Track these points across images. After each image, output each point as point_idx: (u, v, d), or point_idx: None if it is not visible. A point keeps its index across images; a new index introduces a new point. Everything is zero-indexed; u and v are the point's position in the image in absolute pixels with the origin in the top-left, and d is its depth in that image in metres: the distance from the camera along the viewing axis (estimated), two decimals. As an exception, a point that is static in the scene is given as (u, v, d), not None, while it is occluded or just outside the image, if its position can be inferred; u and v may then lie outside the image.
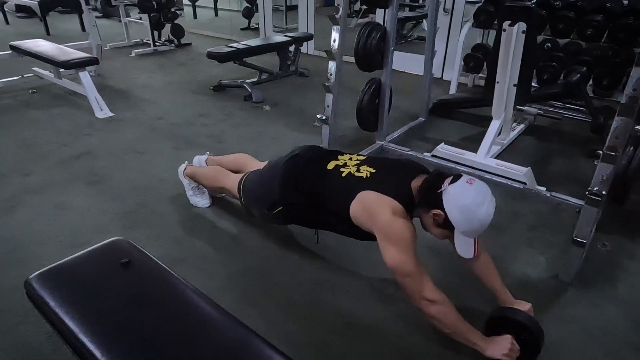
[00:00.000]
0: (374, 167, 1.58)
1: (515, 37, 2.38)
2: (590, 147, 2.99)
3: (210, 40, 6.41)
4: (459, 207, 1.33)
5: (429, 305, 1.36)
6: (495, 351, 1.35)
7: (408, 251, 1.38)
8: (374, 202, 1.45)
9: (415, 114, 3.50)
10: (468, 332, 1.38)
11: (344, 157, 1.70)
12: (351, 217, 1.52)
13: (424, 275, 1.38)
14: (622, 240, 2.07)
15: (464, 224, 1.34)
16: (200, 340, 1.04)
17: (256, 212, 1.94)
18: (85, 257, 1.26)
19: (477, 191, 1.35)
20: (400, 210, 1.43)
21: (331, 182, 1.60)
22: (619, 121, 1.55)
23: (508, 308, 1.47)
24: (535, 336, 1.39)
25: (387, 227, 1.41)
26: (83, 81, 3.47)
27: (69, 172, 2.62)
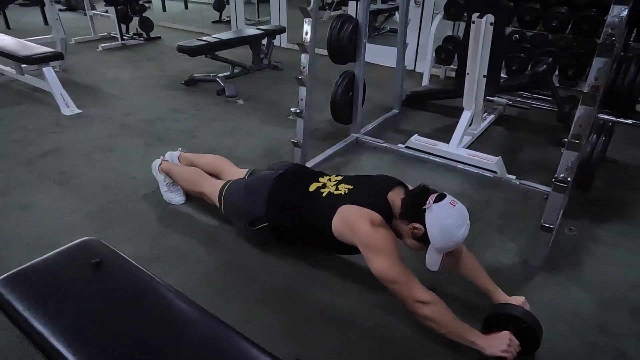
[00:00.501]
0: (351, 184, 1.65)
1: (484, 29, 2.42)
2: (557, 135, 3.09)
3: (180, 33, 6.27)
4: (441, 226, 1.39)
5: (422, 307, 1.38)
6: (495, 348, 1.34)
7: (392, 258, 1.42)
8: (353, 215, 1.51)
9: (389, 106, 3.53)
10: (465, 331, 1.38)
11: (324, 178, 1.77)
12: (334, 233, 1.57)
13: (412, 279, 1.41)
14: (587, 224, 2.15)
15: (440, 242, 1.41)
16: (176, 338, 1.03)
17: (237, 224, 1.96)
18: (54, 259, 1.22)
19: (459, 214, 1.42)
20: (379, 220, 1.48)
21: (313, 203, 1.67)
22: (582, 110, 1.61)
23: (503, 304, 1.47)
24: (533, 329, 1.38)
25: (368, 238, 1.46)
26: (47, 77, 3.34)
27: (35, 172, 2.53)
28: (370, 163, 2.73)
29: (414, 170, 2.64)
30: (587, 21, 3.13)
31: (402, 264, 1.44)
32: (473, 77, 2.60)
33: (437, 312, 1.38)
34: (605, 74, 1.54)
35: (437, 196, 1.44)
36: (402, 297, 1.42)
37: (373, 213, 1.48)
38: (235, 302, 1.66)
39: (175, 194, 2.24)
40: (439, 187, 2.43)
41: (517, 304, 1.46)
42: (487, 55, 2.51)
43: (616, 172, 2.66)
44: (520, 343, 1.37)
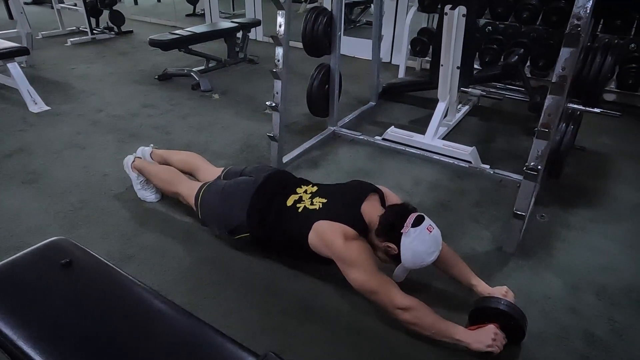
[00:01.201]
0: (326, 197, 1.68)
1: (457, 21, 2.45)
2: (529, 125, 3.17)
3: (153, 27, 6.13)
4: (414, 251, 1.44)
5: (403, 313, 1.42)
6: (480, 344, 1.36)
7: (368, 270, 1.46)
8: (327, 231, 1.54)
9: (365, 99, 3.54)
10: (449, 330, 1.40)
11: (301, 189, 1.78)
12: (311, 247, 1.60)
13: (390, 287, 1.44)
14: (558, 211, 2.21)
15: (410, 264, 1.47)
16: (151, 337, 1.01)
17: (214, 230, 1.93)
18: (21, 260, 1.18)
19: (433, 242, 1.46)
20: (353, 233, 1.52)
21: (290, 218, 1.68)
22: (551, 99, 1.65)
23: (487, 298, 1.48)
24: (518, 321, 1.39)
25: (343, 253, 1.49)
26: (12, 73, 3.22)
27: (1, 172, 2.44)
28: (348, 156, 2.73)
29: (391, 162, 2.66)
30: (557, 12, 3.19)
31: (378, 273, 1.47)
32: (447, 68, 2.63)
33: (419, 316, 1.41)
34: (572, 64, 1.58)
35: (415, 219, 1.45)
36: (383, 305, 1.46)
37: (346, 228, 1.52)
38: (213, 298, 1.65)
39: (150, 191, 2.20)
40: (415, 177, 2.49)
41: (500, 294, 1.49)
42: (460, 47, 2.54)
43: (585, 160, 2.74)
44: (506, 335, 1.39)
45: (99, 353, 0.98)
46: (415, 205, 2.21)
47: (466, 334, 1.39)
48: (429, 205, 2.26)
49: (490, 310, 1.42)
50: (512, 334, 1.41)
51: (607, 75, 2.17)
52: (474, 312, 1.47)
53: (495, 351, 1.35)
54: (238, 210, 1.76)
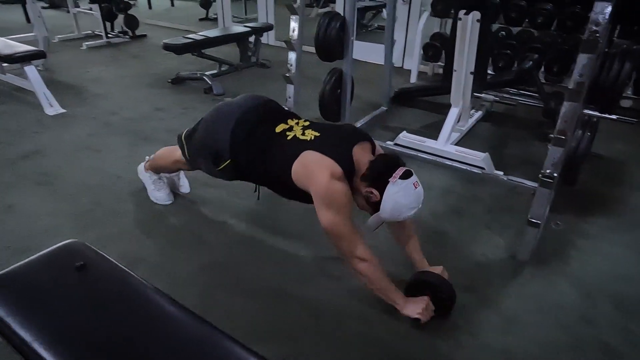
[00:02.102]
0: (319, 131, 1.61)
1: (471, 26, 2.43)
2: (543, 130, 3.12)
3: (166, 31, 6.19)
4: (395, 202, 1.43)
5: (359, 262, 1.47)
6: (411, 310, 1.50)
7: (343, 214, 1.44)
8: (314, 162, 1.48)
9: (377, 103, 3.53)
10: (390, 291, 1.52)
11: (292, 121, 1.71)
12: (292, 176, 1.54)
13: (357, 236, 1.47)
14: (573, 219, 2.18)
15: (388, 215, 1.46)
16: (163, 341, 1.01)
17: (202, 165, 1.85)
18: (36, 262, 1.19)
19: (416, 197, 1.46)
20: (340, 173, 1.46)
21: (277, 144, 1.62)
22: (568, 106, 1.62)
23: (424, 272, 1.61)
24: (446, 294, 1.54)
25: (324, 189, 1.44)
26: (29, 76, 3.27)
27: (17, 173, 2.47)
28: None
29: (403, 167, 2.64)
30: (572, 18, 3.15)
31: (350, 221, 1.46)
32: (460, 73, 2.61)
33: (372, 270, 1.48)
34: (590, 70, 1.56)
35: (404, 172, 1.45)
36: (344, 251, 1.48)
37: (335, 165, 1.45)
38: (222, 302, 1.65)
39: (163, 192, 2.21)
40: (427, 183, 2.46)
41: (437, 272, 1.60)
42: (474, 52, 2.52)
43: (601, 167, 2.70)
44: (436, 307, 1.54)
45: (112, 356, 0.98)
46: (427, 210, 2.23)
47: (402, 299, 1.52)
48: (441, 211, 2.24)
49: (424, 284, 1.56)
50: (442, 306, 1.56)
51: (625, 81, 2.14)
52: (409, 285, 1.58)
53: (422, 320, 1.49)
54: (222, 133, 1.68)
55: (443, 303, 1.55)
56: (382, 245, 1.86)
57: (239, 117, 1.69)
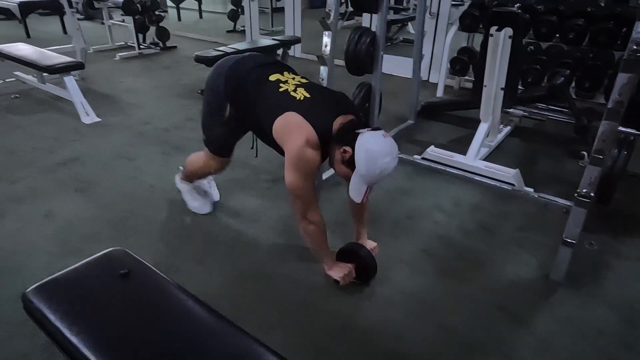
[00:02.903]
0: (310, 92, 1.62)
1: (502, 42, 2.43)
2: (574, 147, 3.06)
3: (195, 42, 6.36)
4: (367, 150, 1.45)
5: (308, 224, 1.63)
6: (335, 272, 1.74)
7: (308, 179, 1.55)
8: (293, 125, 1.53)
9: (403, 117, 3.54)
10: (325, 255, 1.75)
11: (289, 75, 1.72)
12: (273, 130, 1.58)
13: (313, 201, 1.60)
14: (608, 239, 2.13)
15: (364, 167, 1.46)
16: (204, 350, 1.04)
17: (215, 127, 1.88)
18: (83, 269, 1.24)
19: (388, 144, 1.47)
20: (315, 141, 1.51)
21: (268, 92, 1.64)
22: (606, 125, 1.60)
23: (356, 244, 1.82)
24: (369, 267, 1.76)
25: (296, 153, 1.51)
26: (68, 86, 3.41)
27: (56, 180, 2.57)
28: (386, 174, 2.72)
29: (430, 182, 2.64)
30: (605, 33, 3.11)
31: (312, 187, 1.57)
32: (491, 89, 2.60)
33: (316, 234, 1.66)
34: (630, 90, 1.53)
35: (373, 127, 1.51)
36: (297, 211, 1.62)
37: (312, 133, 1.50)
38: (255, 312, 1.67)
39: (200, 202, 2.25)
40: (456, 198, 2.46)
41: (369, 247, 1.81)
42: (505, 68, 2.51)
43: (636, 186, 2.63)
44: (359, 276, 1.77)
45: (156, 364, 1.01)
46: (456, 226, 2.22)
47: (331, 263, 1.76)
48: (471, 227, 2.22)
49: (352, 254, 1.78)
50: (364, 276, 1.78)
51: (664, 99, 2.09)
52: (341, 251, 1.81)
53: (341, 283, 1.73)
54: (218, 80, 1.73)
55: (365, 273, 1.77)
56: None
57: (232, 63, 1.76)
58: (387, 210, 2.34)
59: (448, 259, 2.00)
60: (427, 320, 1.65)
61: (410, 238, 2.13)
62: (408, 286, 1.82)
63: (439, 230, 2.19)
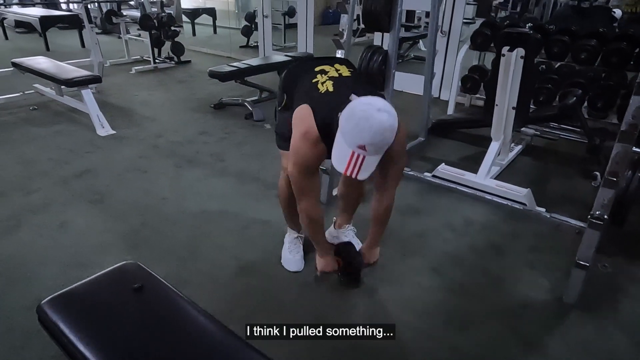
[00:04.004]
0: (335, 87, 1.55)
1: (514, 62, 2.44)
2: (586, 167, 3.05)
3: (209, 57, 6.48)
4: (349, 106, 1.32)
5: (301, 211, 1.64)
6: (319, 262, 1.79)
7: (301, 172, 1.53)
8: (300, 117, 1.52)
9: (414, 134, 3.55)
10: (316, 243, 1.76)
11: (337, 67, 1.67)
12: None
13: (307, 191, 1.58)
14: (622, 262, 2.10)
15: (343, 122, 1.31)
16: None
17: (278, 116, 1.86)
18: (97, 282, 1.25)
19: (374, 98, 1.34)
20: (313, 136, 1.46)
21: (305, 82, 1.64)
22: (619, 147, 1.59)
23: (351, 248, 1.87)
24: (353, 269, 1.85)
25: (295, 144, 1.51)
26: (85, 99, 3.49)
27: (71, 191, 2.61)
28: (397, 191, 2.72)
29: (441, 200, 2.63)
30: (617, 54, 3.12)
31: (307, 179, 1.55)
32: (502, 108, 2.61)
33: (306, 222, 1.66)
34: (643, 112, 1.53)
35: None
36: (295, 195, 1.62)
37: (313, 127, 1.45)
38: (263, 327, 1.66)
39: (293, 255, 2.01)
40: (466, 217, 2.45)
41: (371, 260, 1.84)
42: (517, 88, 2.52)
43: (650, 208, 2.59)
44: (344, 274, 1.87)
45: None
46: (467, 245, 2.21)
47: (324, 251, 1.78)
48: (482, 247, 2.20)
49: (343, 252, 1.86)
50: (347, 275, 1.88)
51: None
52: (337, 246, 1.89)
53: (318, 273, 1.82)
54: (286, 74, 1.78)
55: (348, 273, 1.87)
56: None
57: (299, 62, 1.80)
58: (397, 228, 2.34)
59: (458, 278, 1.98)
60: (438, 340, 1.63)
61: (420, 256, 2.12)
62: (418, 305, 1.80)
63: (449, 249, 2.17)
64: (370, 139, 1.27)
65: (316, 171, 1.60)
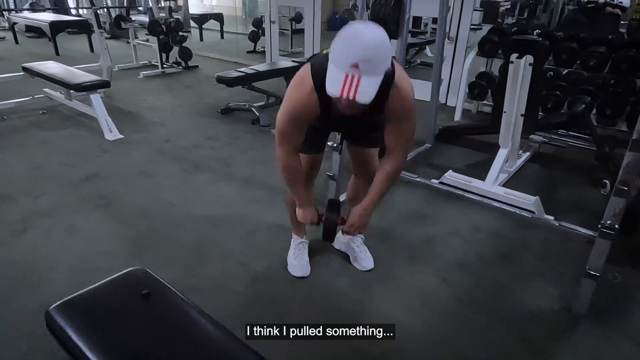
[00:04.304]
0: None
1: (523, 69, 2.43)
2: (595, 175, 3.02)
3: (216, 62, 6.51)
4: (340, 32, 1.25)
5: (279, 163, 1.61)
6: (298, 214, 1.76)
7: (290, 118, 1.49)
8: (297, 74, 1.49)
9: (421, 140, 3.53)
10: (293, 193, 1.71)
11: None
12: None
13: (284, 138, 1.55)
14: (632, 271, 2.07)
15: (334, 49, 1.25)
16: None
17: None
18: (105, 288, 1.25)
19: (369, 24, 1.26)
20: (308, 86, 1.42)
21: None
22: (631, 156, 1.58)
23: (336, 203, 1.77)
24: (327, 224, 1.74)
25: (289, 92, 1.49)
26: (94, 103, 3.51)
27: (79, 195, 2.63)
28: (403, 198, 2.72)
29: (448, 207, 2.61)
30: (626, 61, 3.10)
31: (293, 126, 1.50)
32: (510, 115, 2.59)
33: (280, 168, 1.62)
34: (655, 121, 1.52)
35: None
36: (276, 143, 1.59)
37: (308, 78, 1.41)
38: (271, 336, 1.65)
39: (298, 261, 2.00)
40: (474, 224, 2.43)
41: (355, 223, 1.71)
42: (525, 95, 2.50)
43: (661, 217, 2.56)
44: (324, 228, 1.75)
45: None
46: (474, 253, 2.19)
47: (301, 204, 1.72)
48: (490, 255, 2.18)
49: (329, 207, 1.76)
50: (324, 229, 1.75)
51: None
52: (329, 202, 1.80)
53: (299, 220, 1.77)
54: None
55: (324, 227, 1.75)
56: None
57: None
58: (404, 235, 2.33)
59: (466, 287, 1.96)
60: (446, 350, 1.62)
61: (427, 264, 2.10)
62: (425, 314, 1.79)
63: (457, 257, 2.16)
64: (362, 55, 1.19)
65: (303, 127, 1.52)
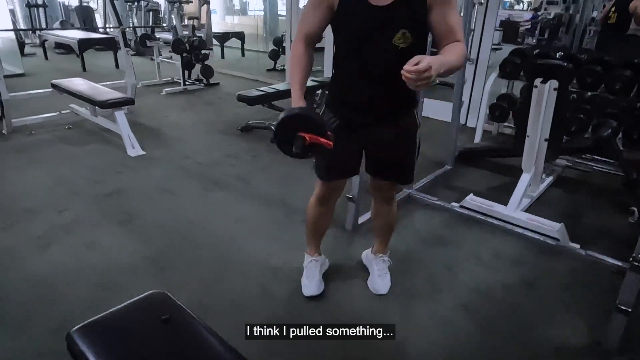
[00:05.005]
0: None
1: (547, 94, 2.40)
2: (621, 200, 2.93)
3: (237, 80, 6.62)
4: None
5: (291, 54, 1.58)
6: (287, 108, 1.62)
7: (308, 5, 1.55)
8: None
9: (441, 162, 3.50)
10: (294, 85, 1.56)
11: None
12: None
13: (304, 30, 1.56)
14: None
15: None
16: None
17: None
18: (125, 312, 1.25)
19: None
20: None
21: None
22: (664, 187, 1.52)
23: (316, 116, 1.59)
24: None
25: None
26: (118, 120, 3.60)
27: (101, 210, 2.67)
28: (423, 221, 2.68)
29: (469, 231, 2.56)
30: (654, 85, 3.04)
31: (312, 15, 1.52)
32: (534, 140, 2.55)
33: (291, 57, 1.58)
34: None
35: None
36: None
37: None
38: (287, 357, 1.63)
39: (309, 280, 1.98)
40: (495, 250, 2.38)
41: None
42: (549, 120, 2.46)
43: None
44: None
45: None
46: (497, 281, 2.14)
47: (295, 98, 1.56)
48: (513, 283, 2.12)
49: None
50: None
51: None
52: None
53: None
54: None
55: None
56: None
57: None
58: (424, 260, 2.29)
59: (489, 316, 1.91)
60: (467, 383, 1.56)
61: (448, 292, 2.05)
62: (446, 344, 1.74)
63: (479, 285, 2.10)
64: None
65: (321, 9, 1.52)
